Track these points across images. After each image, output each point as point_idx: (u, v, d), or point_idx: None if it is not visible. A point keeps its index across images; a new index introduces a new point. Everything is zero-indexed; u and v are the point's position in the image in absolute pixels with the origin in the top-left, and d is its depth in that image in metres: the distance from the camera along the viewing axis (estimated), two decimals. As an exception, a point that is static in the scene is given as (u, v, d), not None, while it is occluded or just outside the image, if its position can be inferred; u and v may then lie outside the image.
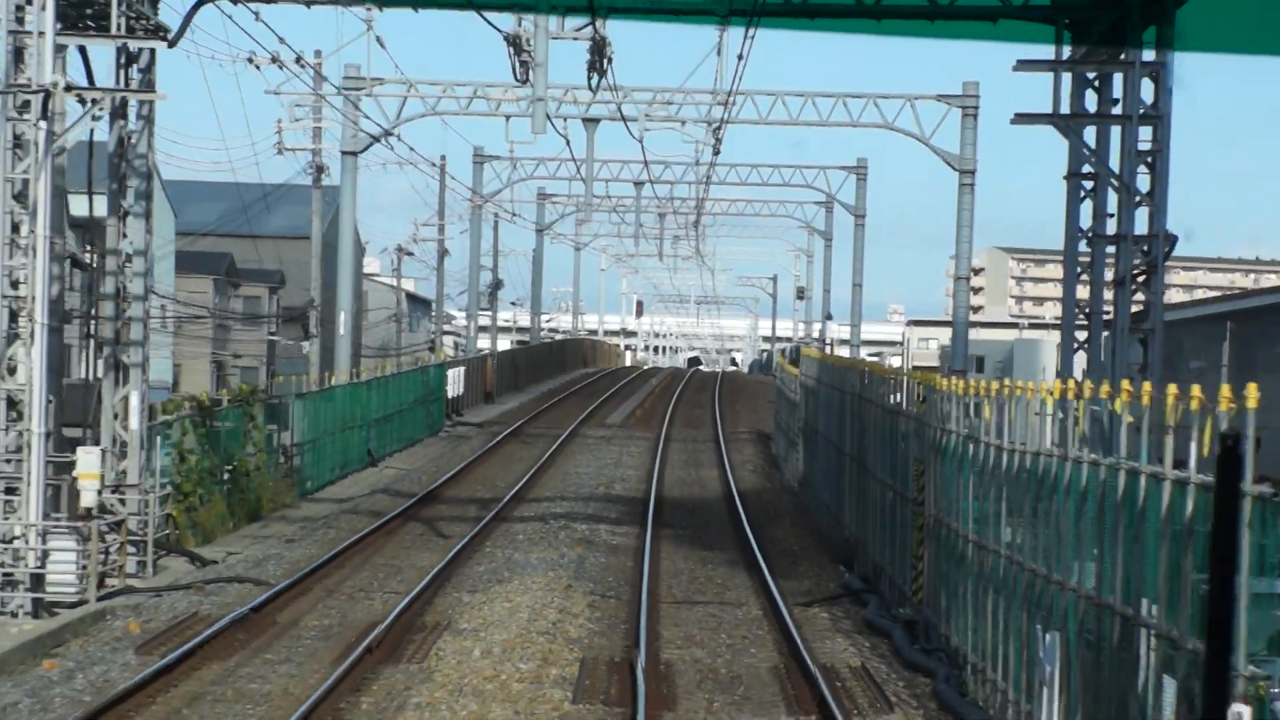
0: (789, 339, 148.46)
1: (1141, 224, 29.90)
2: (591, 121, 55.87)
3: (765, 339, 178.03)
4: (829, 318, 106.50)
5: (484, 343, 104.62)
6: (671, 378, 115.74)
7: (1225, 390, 13.84)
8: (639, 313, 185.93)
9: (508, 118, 56.14)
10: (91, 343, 33.94)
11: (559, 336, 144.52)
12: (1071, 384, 19.01)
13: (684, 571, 33.99)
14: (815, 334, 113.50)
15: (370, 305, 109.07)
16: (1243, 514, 13.16)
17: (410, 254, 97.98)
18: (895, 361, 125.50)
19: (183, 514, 36.71)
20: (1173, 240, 29.64)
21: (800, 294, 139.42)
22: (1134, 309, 30.16)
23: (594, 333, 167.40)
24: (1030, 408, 20.04)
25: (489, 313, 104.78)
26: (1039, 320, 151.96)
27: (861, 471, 35.29)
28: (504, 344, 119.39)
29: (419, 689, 22.03)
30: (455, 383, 73.95)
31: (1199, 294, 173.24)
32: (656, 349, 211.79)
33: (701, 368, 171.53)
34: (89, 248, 34.36)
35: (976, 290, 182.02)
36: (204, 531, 37.76)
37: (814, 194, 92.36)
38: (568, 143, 61.11)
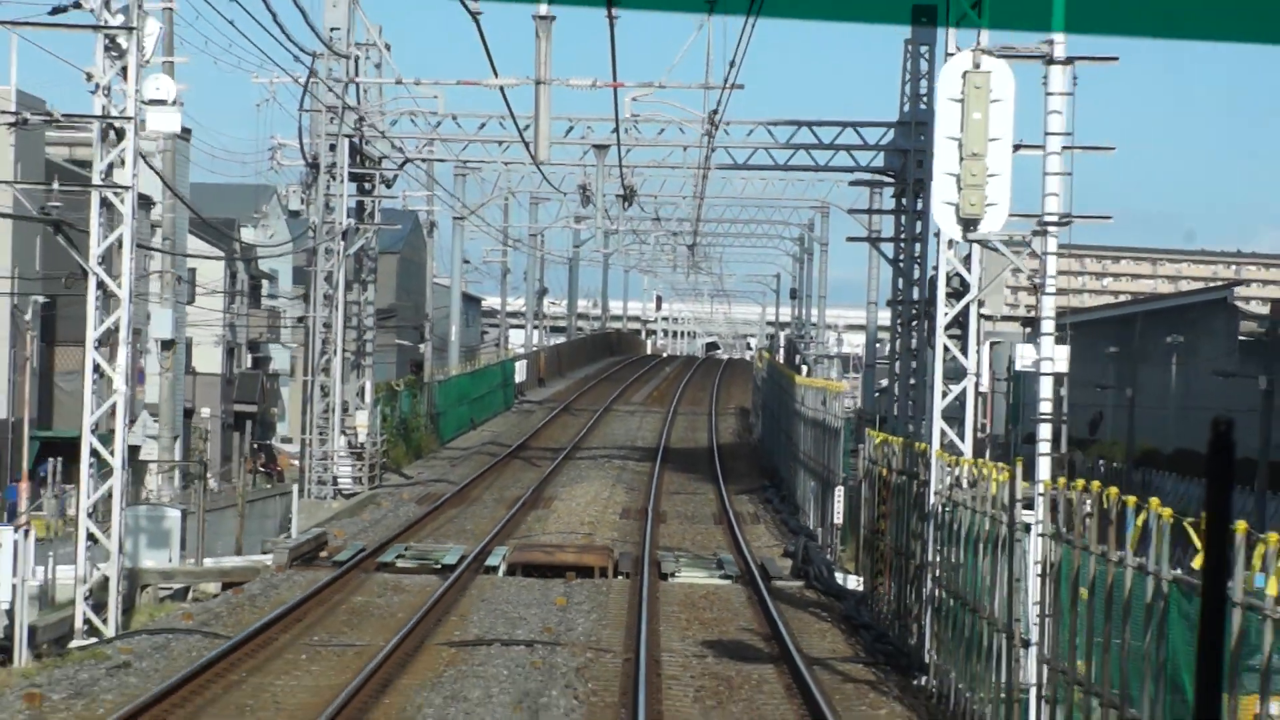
0: (790, 323, 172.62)
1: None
2: (622, 198, 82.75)
3: (770, 324, 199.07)
4: (784, 327, 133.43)
5: (525, 333, 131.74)
6: (684, 366, 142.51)
7: (839, 384, 40.89)
8: (658, 306, 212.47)
9: (564, 194, 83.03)
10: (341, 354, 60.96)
11: (590, 326, 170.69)
12: (819, 380, 45.96)
13: (676, 481, 61.18)
14: (814, 322, 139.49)
15: (433, 304, 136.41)
16: (843, 431, 40.35)
17: (468, 262, 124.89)
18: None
19: (388, 450, 63.93)
20: (930, 309, 56.52)
21: (793, 294, 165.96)
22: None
23: (618, 319, 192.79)
24: (812, 391, 47.15)
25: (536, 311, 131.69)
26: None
27: (779, 428, 62.55)
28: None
29: (550, 516, 49.21)
30: (520, 371, 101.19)
31: (1183, 285, 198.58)
32: (677, 334, 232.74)
33: (717, 353, 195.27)
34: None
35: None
36: (395, 462, 64.92)
37: (801, 210, 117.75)
38: (605, 212, 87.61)
